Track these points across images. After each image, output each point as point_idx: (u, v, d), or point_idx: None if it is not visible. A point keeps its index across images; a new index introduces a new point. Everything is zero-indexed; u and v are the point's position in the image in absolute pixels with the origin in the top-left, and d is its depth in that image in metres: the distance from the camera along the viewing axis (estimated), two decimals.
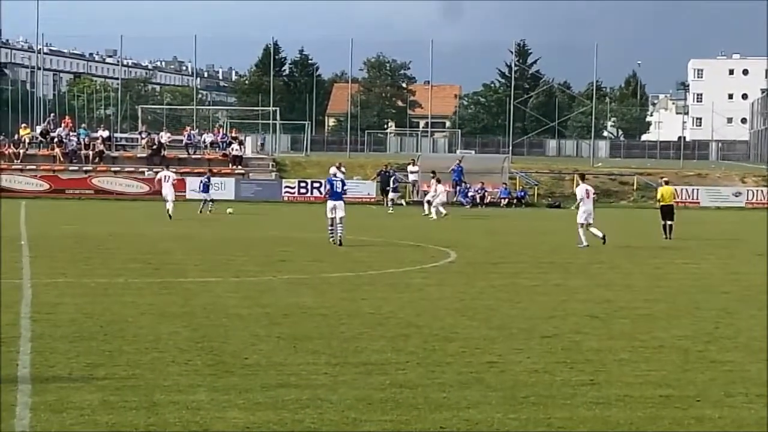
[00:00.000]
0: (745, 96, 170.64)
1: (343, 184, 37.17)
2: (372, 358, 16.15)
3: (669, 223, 41.68)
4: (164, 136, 75.48)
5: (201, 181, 56.37)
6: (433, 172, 58.34)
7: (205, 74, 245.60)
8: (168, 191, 49.84)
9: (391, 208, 59.51)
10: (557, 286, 25.79)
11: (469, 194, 68.75)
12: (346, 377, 14.81)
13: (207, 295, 22.84)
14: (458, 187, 69.07)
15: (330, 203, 36.03)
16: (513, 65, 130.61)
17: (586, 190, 37.80)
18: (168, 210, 48.12)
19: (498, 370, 15.48)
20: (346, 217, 36.00)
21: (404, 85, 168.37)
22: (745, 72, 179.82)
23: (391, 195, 62.52)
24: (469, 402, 13.46)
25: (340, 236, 35.27)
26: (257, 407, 13.02)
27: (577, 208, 37.59)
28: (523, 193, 70.99)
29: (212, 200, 54.17)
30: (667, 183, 45.04)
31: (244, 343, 17.12)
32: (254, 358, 15.99)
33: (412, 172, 69.19)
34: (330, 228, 36.02)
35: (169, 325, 18.80)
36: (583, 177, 41.19)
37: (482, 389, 14.16)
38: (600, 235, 36.34)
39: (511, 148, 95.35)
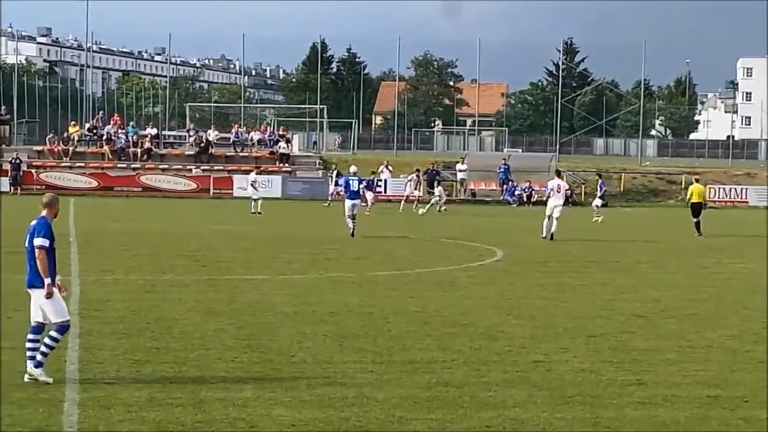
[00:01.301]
0: None
1: (360, 183, 39.00)
2: (418, 356, 16.16)
3: (697, 220, 42.20)
4: (212, 134, 75.69)
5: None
6: (417, 171, 58.28)
7: (253, 72, 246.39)
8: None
9: (422, 209, 57.41)
10: (603, 285, 25.71)
11: (516, 193, 68.54)
12: (392, 375, 14.83)
13: (253, 293, 22.93)
14: (505, 186, 68.90)
15: (348, 202, 37.80)
16: (560, 63, 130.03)
17: (558, 185, 39.62)
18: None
19: (544, 369, 15.45)
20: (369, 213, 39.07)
21: (451, 83, 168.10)
22: None
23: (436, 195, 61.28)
24: (515, 401, 13.45)
25: (353, 228, 37.29)
26: (303, 405, 13.06)
27: (548, 199, 39.11)
28: (570, 192, 70.65)
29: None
30: (697, 181, 45.92)
31: (290, 341, 17.18)
32: (300, 355, 16.05)
33: (460, 171, 69.07)
34: (351, 225, 37.59)
35: (216, 322, 18.90)
36: (558, 173, 43.13)
37: (528, 388, 14.14)
38: (551, 231, 37.79)
39: (558, 146, 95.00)
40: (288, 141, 75.05)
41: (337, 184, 53.92)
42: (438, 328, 18.82)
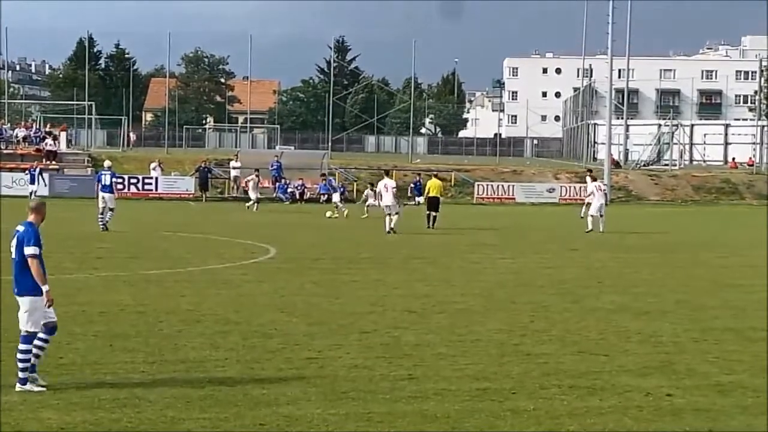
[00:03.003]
0: (558, 94, 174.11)
1: (113, 176, 41.85)
2: (190, 355, 16.02)
3: (434, 214, 44.34)
4: None
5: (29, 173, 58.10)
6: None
7: (17, 67, 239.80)
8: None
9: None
10: (377, 281, 25.96)
11: (289, 190, 68.65)
12: (164, 375, 14.65)
13: None
14: (278, 183, 68.93)
15: (100, 195, 40.52)
16: (332, 61, 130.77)
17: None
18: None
19: (317, 365, 15.51)
20: (116, 207, 40.38)
21: (223, 80, 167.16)
22: (558, 71, 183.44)
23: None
24: (288, 398, 13.45)
25: (106, 222, 39.55)
26: (72, 407, 12.77)
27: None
28: (342, 189, 71.13)
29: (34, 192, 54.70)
30: (436, 176, 48.23)
31: (58, 342, 16.74)
32: (69, 357, 15.69)
33: (234, 168, 68.86)
34: (100, 216, 39.91)
35: None
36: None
37: (302, 385, 14.16)
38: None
39: (330, 144, 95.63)
40: (55, 138, 73.33)
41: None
42: (211, 326, 18.68)
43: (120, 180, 58.40)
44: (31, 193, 54.14)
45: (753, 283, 26.60)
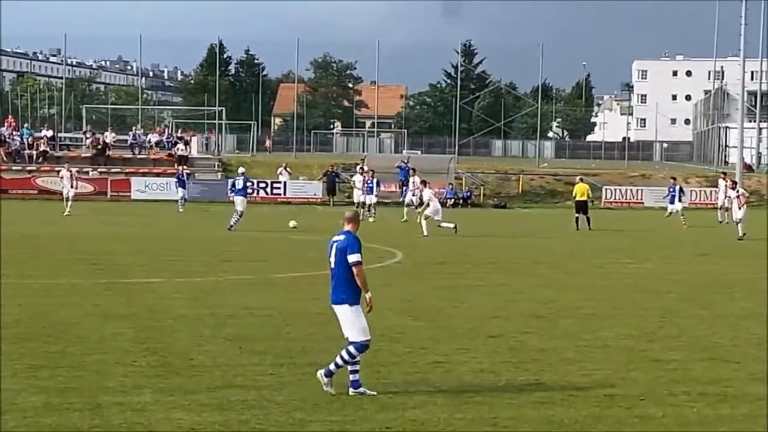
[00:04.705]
0: (688, 97, 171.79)
1: (246, 181, 44.55)
2: (318, 358, 16.11)
3: (584, 216, 45.92)
4: (109, 136, 74.92)
5: (178, 178, 59.02)
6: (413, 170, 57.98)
7: (151, 74, 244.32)
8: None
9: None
10: (502, 286, 25.89)
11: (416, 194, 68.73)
12: (292, 378, 14.79)
13: (152, 296, 22.73)
14: (405, 187, 69.03)
15: (234, 198, 43.34)
16: (459, 65, 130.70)
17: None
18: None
19: (443, 370, 15.52)
20: (245, 210, 42.79)
21: (350, 85, 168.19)
22: (689, 73, 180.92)
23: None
24: (415, 402, 13.48)
25: (231, 225, 41.65)
26: (202, 408, 12.97)
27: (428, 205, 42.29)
28: (468, 194, 71.12)
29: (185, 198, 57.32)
30: (581, 180, 49.36)
31: (189, 344, 17.06)
32: (200, 359, 15.94)
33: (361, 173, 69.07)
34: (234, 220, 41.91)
35: (114, 326, 18.69)
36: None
37: (428, 389, 14.18)
38: (452, 226, 41.13)
39: (457, 148, 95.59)
40: (186, 143, 74.55)
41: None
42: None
43: (251, 184, 59.05)
44: (181, 198, 57.15)
45: None
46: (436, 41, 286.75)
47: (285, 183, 68.37)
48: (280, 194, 67.42)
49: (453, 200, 69.19)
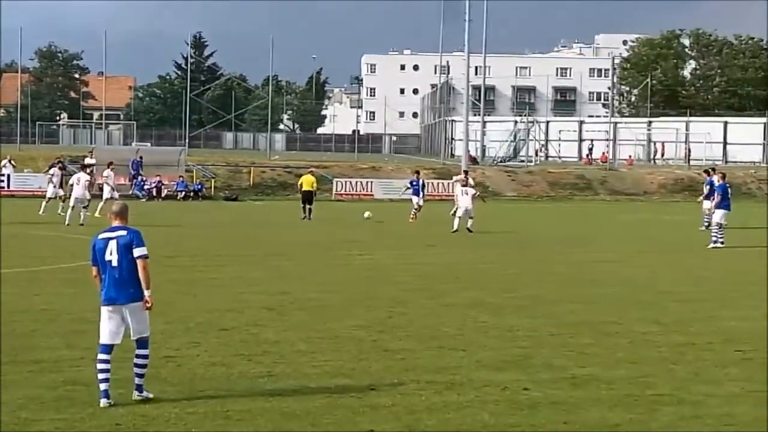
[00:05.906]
0: (416, 91, 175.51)
1: None
2: (44, 355, 15.71)
3: (309, 206, 48.15)
4: None
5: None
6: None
7: None
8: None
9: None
10: (235, 278, 25.80)
11: (146, 187, 67.96)
12: (17, 376, 14.34)
13: None
14: (135, 180, 68.18)
15: None
16: (189, 57, 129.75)
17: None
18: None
19: (175, 364, 15.35)
20: None
21: (77, 75, 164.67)
22: (416, 68, 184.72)
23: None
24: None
25: None
26: None
27: None
28: (199, 186, 70.69)
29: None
30: (311, 173, 52.44)
31: None
32: None
33: (89, 165, 67.79)
34: None
35: None
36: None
37: (159, 384, 13.98)
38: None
39: (187, 140, 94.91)
40: None
41: None
42: (65, 325, 18.36)
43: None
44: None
45: (606, 279, 27.12)
46: (166, 32, 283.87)
47: (9, 176, 66.35)
48: (3, 187, 65.38)
49: (184, 193, 68.65)
